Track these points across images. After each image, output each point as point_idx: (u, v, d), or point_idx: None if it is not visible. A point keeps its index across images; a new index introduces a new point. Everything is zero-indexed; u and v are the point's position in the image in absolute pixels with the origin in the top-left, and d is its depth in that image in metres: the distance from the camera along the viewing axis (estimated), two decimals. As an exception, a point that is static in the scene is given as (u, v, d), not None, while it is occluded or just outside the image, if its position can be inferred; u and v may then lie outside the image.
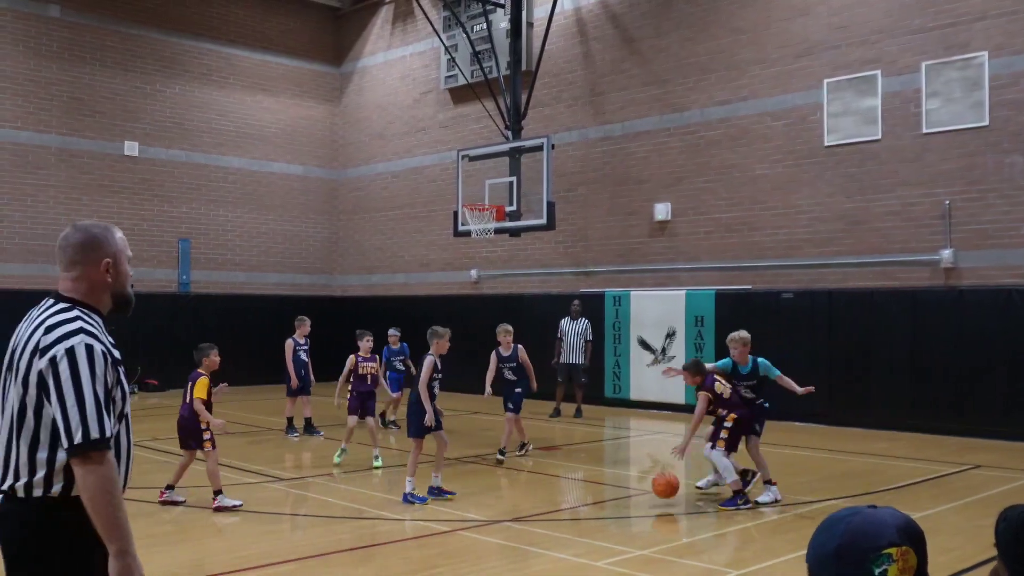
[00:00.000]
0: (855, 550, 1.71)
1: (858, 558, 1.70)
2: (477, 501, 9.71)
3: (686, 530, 8.69)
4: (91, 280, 3.10)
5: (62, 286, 3.11)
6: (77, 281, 3.09)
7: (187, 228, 22.77)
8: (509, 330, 12.43)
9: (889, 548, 1.70)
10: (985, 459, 12.02)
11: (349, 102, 25.51)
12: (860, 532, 1.73)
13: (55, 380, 2.85)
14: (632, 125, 18.74)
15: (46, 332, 2.92)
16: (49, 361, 2.87)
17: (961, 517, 8.65)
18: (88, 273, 3.10)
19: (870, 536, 1.72)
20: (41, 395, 2.88)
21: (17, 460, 2.93)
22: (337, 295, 25.12)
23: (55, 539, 2.92)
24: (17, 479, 2.93)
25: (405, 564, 7.19)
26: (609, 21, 19.28)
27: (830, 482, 10.44)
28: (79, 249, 3.10)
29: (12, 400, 2.95)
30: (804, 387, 9.58)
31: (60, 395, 2.84)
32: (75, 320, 2.97)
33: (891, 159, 15.16)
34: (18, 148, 20.40)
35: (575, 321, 16.77)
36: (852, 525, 1.74)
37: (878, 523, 1.74)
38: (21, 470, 2.92)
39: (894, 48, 15.16)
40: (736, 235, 17.06)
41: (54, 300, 3.07)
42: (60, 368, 2.85)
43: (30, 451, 2.91)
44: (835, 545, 1.73)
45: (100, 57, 21.60)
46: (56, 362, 2.86)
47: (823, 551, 1.75)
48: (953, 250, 14.44)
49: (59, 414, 2.83)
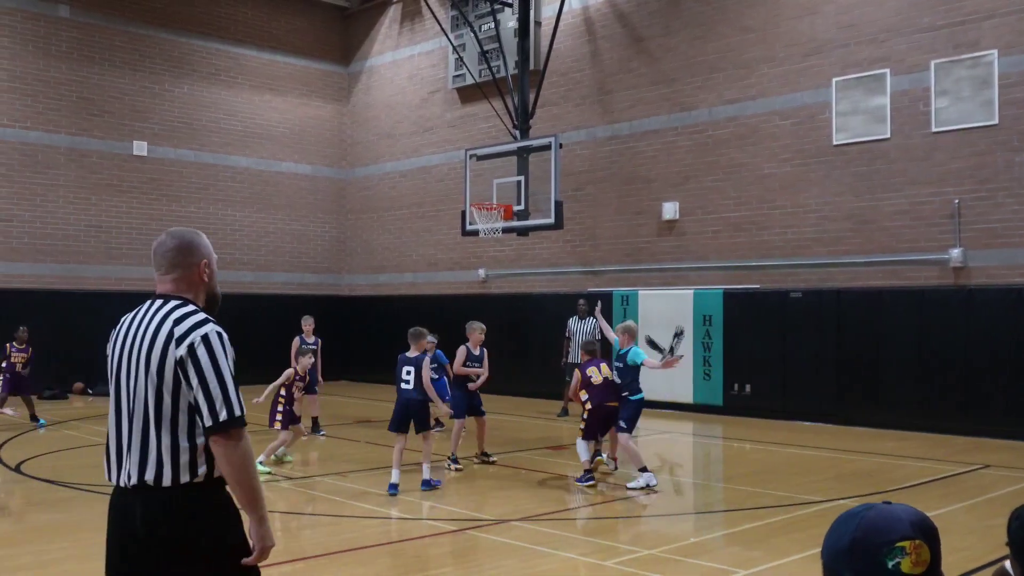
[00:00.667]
0: (869, 544, 1.72)
1: (871, 551, 1.72)
2: (485, 500, 9.71)
3: (694, 530, 8.68)
4: (190, 281, 3.36)
5: (162, 288, 3.35)
6: (177, 282, 3.34)
7: (195, 227, 22.75)
8: (484, 329, 11.95)
9: (902, 541, 1.71)
10: (994, 459, 11.97)
11: (357, 102, 25.54)
12: (874, 526, 1.74)
13: (195, 365, 3.07)
14: (640, 124, 18.71)
15: (176, 323, 3.14)
16: (188, 347, 3.09)
17: (971, 517, 8.62)
18: (187, 275, 3.35)
19: (883, 530, 1.73)
20: (179, 381, 3.09)
21: (159, 449, 3.10)
22: (345, 295, 25.14)
23: (208, 520, 3.13)
24: (160, 469, 3.09)
25: (413, 563, 7.20)
26: (617, 20, 19.26)
27: (838, 482, 10.41)
28: (177, 253, 3.36)
29: (143, 393, 3.14)
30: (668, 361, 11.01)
31: (202, 378, 3.06)
32: (198, 312, 3.23)
33: (900, 158, 15.11)
34: (27, 148, 20.47)
35: (583, 320, 16.74)
36: (866, 520, 1.75)
37: (892, 518, 1.75)
38: (164, 459, 3.09)
39: (903, 46, 15.11)
40: (744, 234, 17.03)
41: (162, 300, 3.29)
42: (199, 353, 3.08)
43: (172, 437, 3.10)
44: (849, 539, 1.74)
45: (109, 57, 21.66)
46: (195, 348, 3.09)
47: (837, 545, 1.76)
48: (962, 249, 14.39)
49: (201, 395, 3.06)
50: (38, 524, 8.49)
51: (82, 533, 8.03)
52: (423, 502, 9.47)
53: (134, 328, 3.25)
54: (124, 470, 3.15)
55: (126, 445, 3.16)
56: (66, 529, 8.20)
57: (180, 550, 3.06)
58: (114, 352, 3.28)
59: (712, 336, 17.12)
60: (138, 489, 3.11)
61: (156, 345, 3.13)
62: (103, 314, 20.04)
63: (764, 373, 16.38)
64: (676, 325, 17.62)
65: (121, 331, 3.30)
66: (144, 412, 3.13)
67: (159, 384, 3.10)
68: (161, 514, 3.07)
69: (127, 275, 21.65)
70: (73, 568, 6.95)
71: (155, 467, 3.09)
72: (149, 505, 3.09)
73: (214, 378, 3.07)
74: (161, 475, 3.08)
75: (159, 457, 3.09)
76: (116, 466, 3.20)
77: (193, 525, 3.09)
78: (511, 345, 19.46)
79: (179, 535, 3.07)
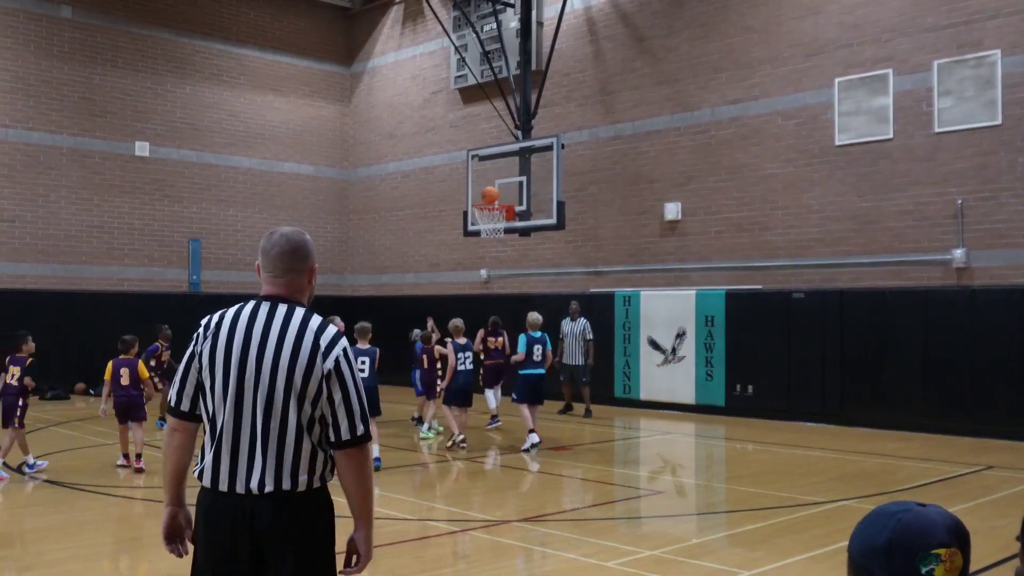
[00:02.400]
0: (905, 547, 1.72)
1: (907, 555, 1.72)
2: (487, 501, 9.70)
3: (697, 530, 8.66)
4: (300, 285, 3.32)
5: (274, 289, 3.27)
6: (289, 286, 3.28)
7: (198, 228, 22.82)
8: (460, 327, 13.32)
9: (939, 548, 1.71)
10: (998, 459, 11.95)
11: (360, 102, 25.54)
12: (911, 530, 1.74)
13: (340, 379, 3.12)
14: (643, 124, 18.70)
15: (318, 334, 3.15)
16: (335, 361, 3.12)
17: (974, 518, 8.59)
18: (298, 279, 3.30)
19: (921, 535, 1.73)
20: (321, 392, 3.11)
21: (297, 456, 3.10)
22: (347, 295, 25.14)
23: (327, 521, 3.21)
24: (297, 475, 3.10)
25: (416, 564, 7.18)
26: (619, 20, 19.24)
27: (842, 483, 10.39)
28: (294, 255, 3.28)
29: (280, 401, 3.09)
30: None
31: (345, 393, 3.13)
32: (329, 322, 3.23)
33: (903, 158, 15.08)
34: (30, 148, 20.48)
35: (574, 322, 16.77)
36: (903, 522, 1.75)
37: (929, 522, 1.75)
38: (303, 465, 3.11)
39: (906, 47, 15.08)
40: (747, 235, 17.01)
41: (276, 302, 3.23)
42: (343, 367, 3.14)
43: (313, 446, 3.13)
44: (886, 539, 1.74)
45: (111, 58, 21.67)
46: (339, 362, 3.14)
47: (872, 543, 1.76)
48: (965, 249, 14.36)
49: (343, 410, 3.12)
50: (40, 525, 8.49)
51: (84, 533, 8.04)
52: (423, 502, 9.46)
53: (258, 332, 3.16)
54: (253, 477, 3.09)
55: (259, 451, 3.09)
56: (68, 530, 8.19)
57: (307, 550, 3.12)
58: (227, 354, 3.15)
59: (715, 337, 17.10)
60: (270, 495, 3.08)
61: (301, 354, 3.10)
62: (105, 315, 20.16)
63: (767, 374, 16.35)
64: (678, 326, 17.60)
65: (234, 333, 3.18)
66: (283, 420, 3.10)
67: (302, 393, 3.09)
68: (292, 517, 3.10)
69: (129, 276, 21.66)
70: (76, 568, 6.94)
71: (292, 473, 3.09)
72: (282, 509, 3.09)
73: (354, 394, 3.14)
74: (297, 481, 3.10)
75: (297, 464, 3.10)
76: (236, 473, 3.10)
77: (319, 526, 3.17)
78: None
79: (309, 536, 3.13)
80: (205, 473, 3.16)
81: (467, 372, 12.90)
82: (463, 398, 12.86)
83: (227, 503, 3.12)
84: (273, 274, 3.28)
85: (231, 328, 3.18)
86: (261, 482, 3.08)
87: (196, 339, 3.23)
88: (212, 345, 3.18)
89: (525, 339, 13.46)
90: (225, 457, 3.12)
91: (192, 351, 3.22)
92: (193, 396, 3.21)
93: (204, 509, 3.17)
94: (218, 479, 3.13)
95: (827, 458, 12.31)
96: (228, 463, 3.12)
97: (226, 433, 3.13)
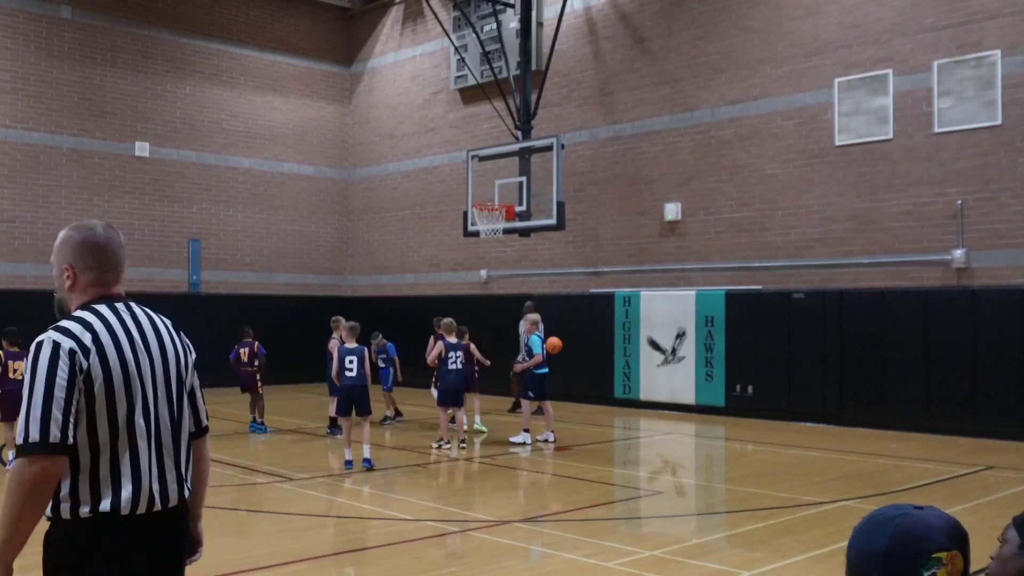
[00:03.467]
0: (905, 552, 1.72)
1: (908, 560, 1.71)
2: (487, 501, 9.70)
3: (696, 531, 8.66)
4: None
5: (117, 289, 3.04)
6: (121, 283, 3.09)
7: (197, 228, 22.82)
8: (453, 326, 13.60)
9: (939, 552, 1.71)
10: (998, 460, 11.95)
11: (359, 102, 25.54)
12: (911, 534, 1.73)
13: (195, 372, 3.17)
14: (642, 125, 18.70)
15: (177, 331, 3.13)
16: (194, 357, 3.15)
17: (975, 518, 8.58)
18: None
19: (921, 539, 1.72)
20: (194, 390, 3.15)
21: (188, 460, 3.06)
22: (347, 295, 25.14)
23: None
24: (188, 479, 3.05)
25: (416, 564, 7.18)
26: (619, 20, 19.24)
27: (841, 483, 10.39)
28: (123, 250, 3.09)
29: (177, 407, 3.00)
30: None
31: (199, 384, 3.18)
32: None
33: (903, 159, 15.08)
34: (29, 149, 20.48)
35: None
36: (902, 526, 1.74)
37: (928, 526, 1.74)
38: (189, 468, 3.07)
39: (906, 47, 15.08)
40: (747, 235, 17.01)
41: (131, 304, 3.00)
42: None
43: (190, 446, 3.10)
44: (885, 545, 1.73)
45: (111, 58, 21.67)
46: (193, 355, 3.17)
47: (871, 549, 1.75)
48: (965, 250, 14.36)
49: (200, 401, 3.18)
50: (40, 525, 8.46)
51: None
52: (423, 503, 9.46)
53: (150, 339, 2.93)
54: (171, 490, 2.91)
55: (170, 463, 2.92)
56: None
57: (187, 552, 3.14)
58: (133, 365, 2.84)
59: (714, 337, 17.09)
60: (178, 506, 2.96)
61: (181, 357, 3.04)
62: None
63: (766, 374, 16.35)
64: (678, 326, 17.60)
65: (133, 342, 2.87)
66: (182, 426, 3.01)
67: (188, 395, 3.08)
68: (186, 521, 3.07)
69: (129, 276, 21.54)
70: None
71: (186, 479, 3.02)
72: (185, 516, 3.04)
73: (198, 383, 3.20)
74: (188, 485, 3.05)
75: (188, 468, 3.04)
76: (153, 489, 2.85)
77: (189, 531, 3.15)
78: (513, 346, 19.42)
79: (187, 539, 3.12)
80: (124, 503, 2.78)
81: (457, 371, 12.98)
82: (454, 398, 12.92)
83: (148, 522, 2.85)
84: (117, 271, 3.00)
85: (115, 341, 2.82)
86: (179, 493, 2.95)
87: (71, 361, 2.71)
88: (101, 362, 2.76)
89: (539, 340, 13.53)
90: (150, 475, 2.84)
91: (69, 374, 2.70)
92: (74, 425, 2.70)
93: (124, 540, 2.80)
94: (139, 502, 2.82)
95: (827, 458, 12.31)
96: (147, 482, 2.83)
97: (141, 451, 2.82)
